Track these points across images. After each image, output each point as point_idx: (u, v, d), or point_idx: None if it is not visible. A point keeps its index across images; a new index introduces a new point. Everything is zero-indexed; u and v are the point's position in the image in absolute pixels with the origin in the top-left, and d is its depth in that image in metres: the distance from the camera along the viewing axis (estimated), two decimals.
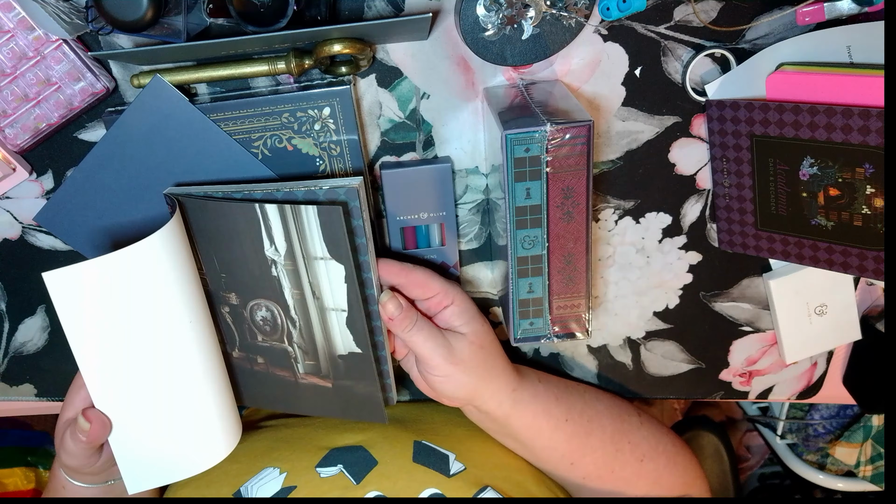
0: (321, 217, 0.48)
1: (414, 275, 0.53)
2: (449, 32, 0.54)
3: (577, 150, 0.48)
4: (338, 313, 0.52)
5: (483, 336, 0.55)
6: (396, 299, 0.53)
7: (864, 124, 0.47)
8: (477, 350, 0.54)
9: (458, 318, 0.54)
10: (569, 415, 0.59)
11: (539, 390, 0.59)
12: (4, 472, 1.04)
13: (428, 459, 0.56)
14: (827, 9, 0.50)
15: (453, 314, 0.54)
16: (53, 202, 0.57)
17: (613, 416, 0.62)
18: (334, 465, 0.55)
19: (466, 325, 0.55)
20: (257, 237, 0.50)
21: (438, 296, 0.54)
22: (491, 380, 0.56)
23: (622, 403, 0.65)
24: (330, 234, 0.48)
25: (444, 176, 0.58)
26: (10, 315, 0.66)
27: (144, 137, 0.54)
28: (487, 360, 0.55)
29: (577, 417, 0.59)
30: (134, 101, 0.53)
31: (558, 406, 0.59)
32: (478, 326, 0.55)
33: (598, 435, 0.60)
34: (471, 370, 0.54)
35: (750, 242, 0.59)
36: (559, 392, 0.60)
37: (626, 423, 0.62)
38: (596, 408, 0.61)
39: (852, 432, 1.06)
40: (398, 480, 0.53)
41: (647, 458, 0.61)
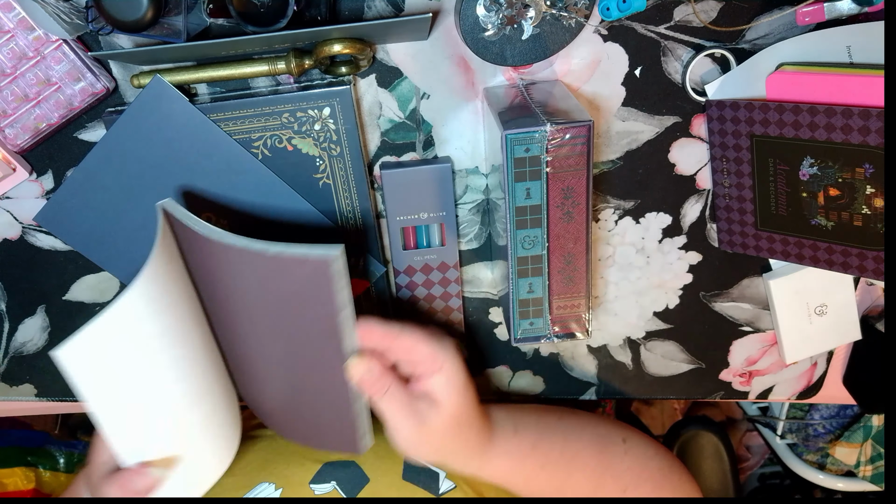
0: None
1: (399, 340, 0.49)
2: (449, 32, 0.54)
3: (577, 150, 0.48)
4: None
5: (462, 408, 0.51)
6: (366, 363, 0.48)
7: (864, 124, 0.47)
8: (451, 424, 0.51)
9: (441, 388, 0.50)
10: (546, 460, 0.57)
11: (512, 445, 0.56)
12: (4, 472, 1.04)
13: (418, 478, 0.56)
14: (827, 9, 0.50)
15: (437, 383, 0.50)
16: (53, 202, 0.57)
17: (597, 450, 0.59)
18: (328, 482, 0.56)
19: (448, 397, 0.50)
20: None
21: (426, 362, 0.50)
22: (460, 449, 0.53)
23: (607, 432, 0.62)
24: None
25: (444, 176, 0.58)
26: (10, 315, 0.66)
27: (144, 137, 0.54)
28: (460, 433, 0.52)
29: (555, 461, 0.57)
30: (134, 102, 0.53)
31: (534, 455, 0.56)
32: (458, 398, 0.51)
33: (578, 475, 0.58)
34: (439, 445, 0.52)
35: (750, 242, 0.59)
36: (536, 438, 0.57)
37: (608, 454, 0.60)
38: (577, 445, 0.59)
39: (852, 432, 1.06)
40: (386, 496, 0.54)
41: (632, 487, 0.60)
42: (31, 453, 1.08)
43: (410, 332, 0.49)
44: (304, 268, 0.43)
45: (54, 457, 1.11)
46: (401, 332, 0.49)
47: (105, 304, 0.65)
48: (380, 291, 0.63)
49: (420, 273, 0.63)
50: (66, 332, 0.66)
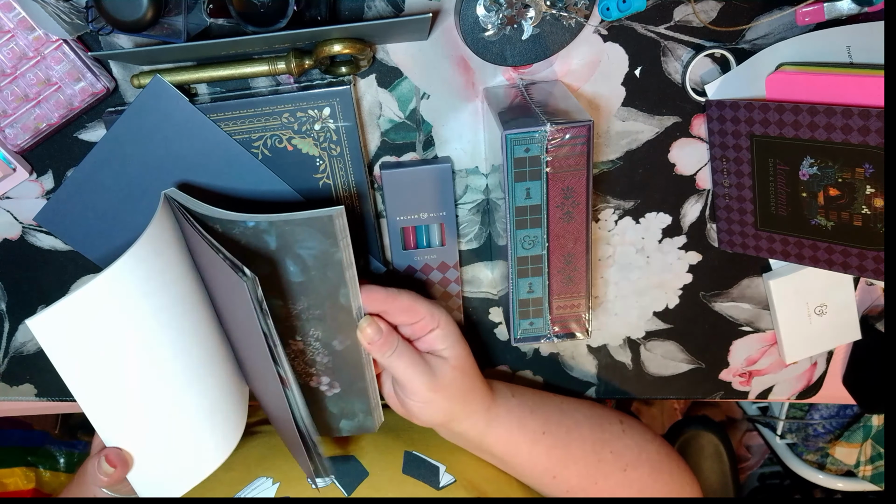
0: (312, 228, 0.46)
1: (399, 300, 0.52)
2: (449, 32, 0.54)
3: (577, 150, 0.48)
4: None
5: (464, 360, 0.55)
6: (375, 323, 0.51)
7: (864, 124, 0.47)
8: (458, 374, 0.54)
9: (442, 341, 0.54)
10: (546, 427, 0.59)
11: (513, 405, 0.58)
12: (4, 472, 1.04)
13: (418, 471, 0.56)
14: (827, 9, 0.50)
15: (437, 338, 0.53)
16: (53, 202, 0.57)
17: (593, 425, 0.61)
18: (326, 477, 0.56)
19: (449, 349, 0.54)
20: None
21: (424, 320, 0.53)
22: (468, 402, 0.55)
23: (603, 412, 0.64)
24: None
25: (444, 176, 0.58)
26: (10, 315, 0.66)
27: (144, 137, 0.54)
28: (466, 383, 0.55)
29: (554, 429, 0.59)
30: (134, 102, 0.53)
31: (534, 418, 0.58)
32: (460, 350, 0.54)
33: (578, 445, 0.59)
34: (450, 396, 0.54)
35: (750, 242, 0.59)
36: (534, 404, 0.60)
37: (607, 431, 0.61)
38: (574, 417, 0.61)
39: (852, 432, 1.06)
40: (387, 493, 0.54)
41: (631, 468, 0.61)
42: (31, 453, 1.09)
43: (408, 292, 0.53)
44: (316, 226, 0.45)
45: (54, 457, 1.11)
46: (399, 293, 0.52)
47: None
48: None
49: (420, 273, 0.63)
50: None
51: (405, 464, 0.56)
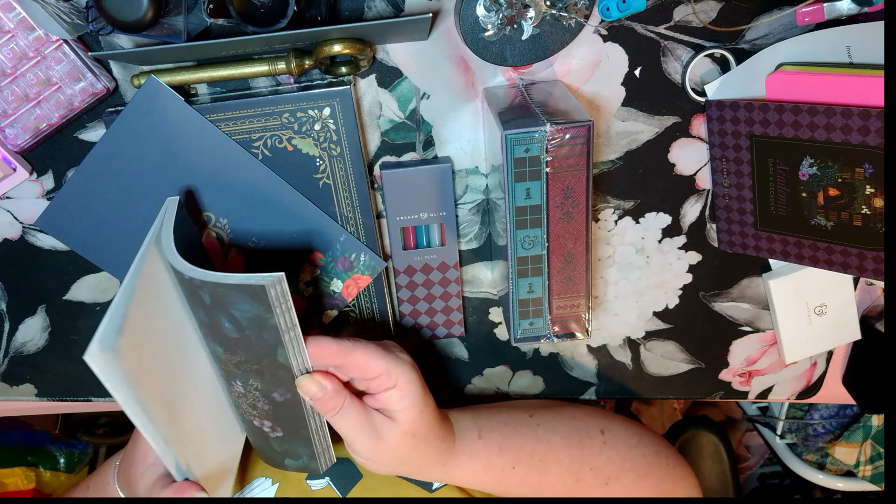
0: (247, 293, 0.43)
1: (353, 356, 0.48)
2: (449, 32, 0.54)
3: (577, 150, 0.48)
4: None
5: (418, 424, 0.51)
6: (318, 382, 0.48)
7: (864, 124, 0.47)
8: (408, 439, 0.51)
9: (397, 402, 0.50)
10: (516, 461, 0.56)
11: (478, 448, 0.55)
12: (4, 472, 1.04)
13: None
14: (827, 9, 0.50)
15: (392, 398, 0.50)
16: (53, 206, 0.57)
17: (572, 444, 0.59)
18: (322, 478, 0.56)
19: (403, 412, 0.50)
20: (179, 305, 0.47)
21: (381, 377, 0.49)
22: (418, 461, 0.53)
23: (584, 425, 0.61)
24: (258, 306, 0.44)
25: (444, 176, 0.58)
26: (10, 315, 0.66)
27: (142, 139, 0.54)
28: (418, 447, 0.52)
29: (526, 460, 0.56)
30: (130, 103, 0.53)
31: (502, 456, 0.56)
32: (414, 414, 0.50)
33: (554, 471, 0.57)
34: (396, 458, 0.51)
35: (750, 242, 0.59)
36: (504, 439, 0.56)
37: (586, 448, 0.59)
38: (550, 442, 0.58)
39: (852, 432, 1.06)
40: (381, 495, 0.54)
41: (614, 479, 0.59)
42: (31, 453, 1.09)
43: (364, 347, 0.49)
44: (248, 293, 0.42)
45: (54, 457, 1.11)
46: (353, 348, 0.48)
47: (105, 303, 0.65)
48: (378, 292, 0.63)
49: (420, 273, 0.63)
50: (66, 332, 0.66)
51: None
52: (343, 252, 0.60)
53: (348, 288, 0.62)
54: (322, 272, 0.61)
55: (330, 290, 0.62)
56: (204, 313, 0.46)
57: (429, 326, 0.66)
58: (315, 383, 0.48)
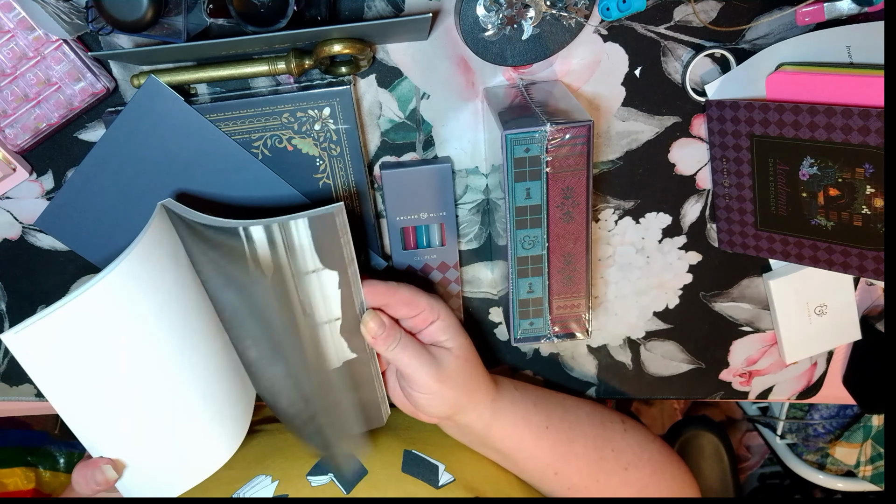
0: (312, 228, 0.46)
1: (399, 293, 0.52)
2: (449, 32, 0.54)
3: (577, 150, 0.48)
4: (331, 325, 0.52)
5: (467, 350, 0.55)
6: (378, 317, 0.52)
7: (864, 124, 0.47)
8: (462, 364, 0.54)
9: (444, 333, 0.54)
10: (549, 421, 0.59)
11: (517, 398, 0.59)
12: (4, 472, 1.04)
13: (417, 470, 0.56)
14: (827, 9, 0.50)
15: (439, 329, 0.54)
16: (53, 206, 0.57)
17: (595, 422, 0.61)
18: (325, 474, 0.56)
19: (451, 340, 0.54)
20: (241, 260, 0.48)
21: (424, 312, 0.53)
22: (473, 393, 0.55)
23: (605, 410, 0.64)
24: (322, 243, 0.47)
25: (444, 176, 0.58)
26: (10, 315, 0.66)
27: (141, 139, 0.54)
28: (471, 374, 0.55)
29: (557, 424, 0.59)
30: (129, 103, 0.53)
31: (538, 413, 0.59)
32: (462, 340, 0.55)
33: (580, 442, 0.59)
34: (455, 386, 0.54)
35: (750, 242, 0.59)
36: (537, 399, 0.60)
37: (609, 429, 0.61)
38: (577, 414, 0.61)
39: (852, 432, 1.06)
40: (387, 491, 0.54)
41: (633, 467, 0.61)
42: (31, 453, 1.08)
43: (407, 286, 0.53)
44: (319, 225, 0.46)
45: (54, 457, 1.11)
46: (398, 286, 0.53)
47: None
48: None
49: (420, 273, 0.63)
50: None
51: (404, 462, 0.56)
52: None
53: None
54: None
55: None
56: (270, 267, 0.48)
57: None
58: (377, 319, 0.52)
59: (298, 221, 0.46)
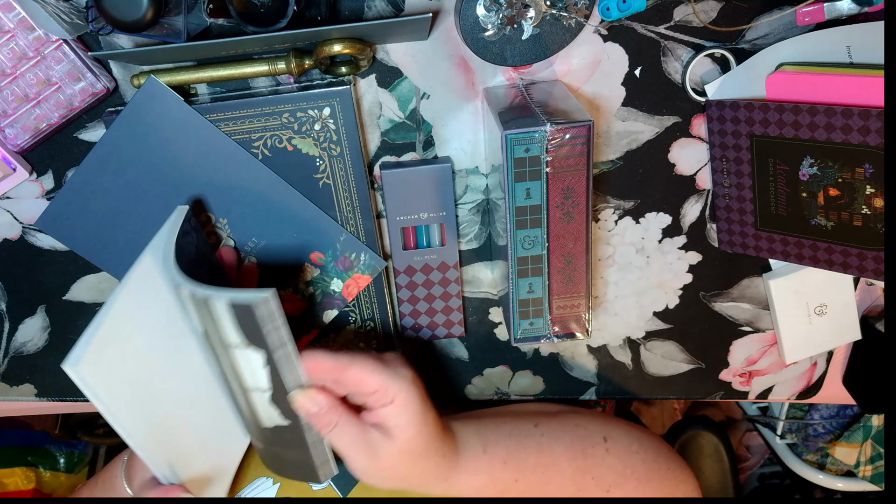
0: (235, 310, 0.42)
1: (349, 372, 0.47)
2: (449, 32, 0.54)
3: (577, 150, 0.48)
4: (259, 393, 0.48)
5: (416, 441, 0.49)
6: (311, 397, 0.47)
7: (864, 124, 0.47)
8: (405, 458, 0.49)
9: (394, 419, 0.48)
10: (519, 474, 0.55)
11: (482, 464, 0.54)
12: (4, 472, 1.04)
13: None
14: (827, 9, 0.50)
15: (389, 414, 0.48)
16: (53, 206, 0.57)
17: (575, 454, 0.58)
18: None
19: (400, 429, 0.49)
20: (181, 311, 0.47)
21: (378, 393, 0.48)
22: (418, 477, 0.52)
23: (587, 434, 0.60)
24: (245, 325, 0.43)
25: (444, 176, 0.58)
26: (10, 315, 0.66)
27: (141, 139, 0.54)
28: (416, 465, 0.50)
29: (529, 474, 0.56)
30: (129, 103, 0.53)
31: (506, 471, 0.55)
32: (412, 432, 0.49)
33: (556, 482, 0.57)
34: (394, 476, 0.50)
35: (750, 242, 0.59)
36: (508, 453, 0.56)
37: (589, 457, 0.59)
38: (553, 454, 0.58)
39: (852, 432, 1.06)
40: (381, 495, 0.54)
41: (615, 487, 0.59)
42: (31, 453, 1.09)
43: (361, 363, 0.48)
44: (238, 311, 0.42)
45: (54, 457, 1.11)
46: (349, 363, 0.47)
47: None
48: (379, 292, 0.63)
49: (420, 273, 0.63)
50: (66, 332, 0.66)
51: None
52: (343, 251, 0.60)
53: (348, 287, 0.62)
54: (322, 272, 0.61)
55: (330, 290, 0.62)
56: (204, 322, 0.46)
57: (429, 326, 0.66)
58: (309, 398, 0.47)
59: (218, 303, 0.42)
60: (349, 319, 0.65)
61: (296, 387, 0.47)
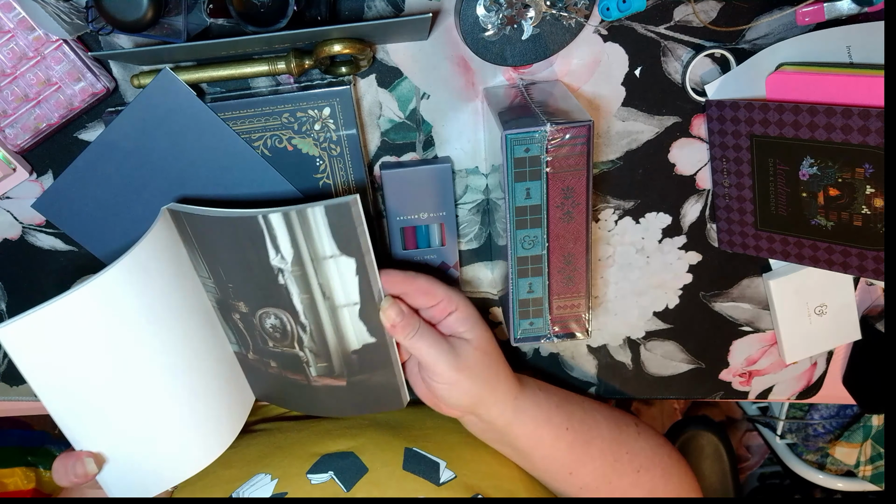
0: (329, 216, 0.47)
1: (417, 282, 0.53)
2: (449, 32, 0.54)
3: (577, 150, 0.48)
4: (350, 308, 0.52)
5: (487, 342, 0.55)
6: (397, 305, 0.52)
7: (864, 124, 0.47)
8: (481, 356, 0.54)
9: (463, 323, 0.54)
10: (569, 423, 0.59)
11: (540, 398, 0.58)
12: (4, 472, 1.04)
13: (418, 467, 0.56)
14: (827, 9, 0.50)
15: (457, 320, 0.54)
16: (53, 190, 0.57)
17: (612, 425, 0.61)
18: (325, 472, 0.56)
19: (471, 331, 0.54)
20: (262, 248, 0.49)
21: (443, 303, 0.53)
22: (494, 387, 0.55)
23: (619, 413, 0.64)
24: (338, 231, 0.48)
25: (444, 176, 0.58)
26: (11, 315, 0.66)
27: (149, 130, 0.54)
28: (491, 367, 0.55)
29: (577, 426, 0.59)
30: (140, 94, 0.53)
31: (559, 414, 0.58)
32: (481, 332, 0.55)
33: (597, 444, 0.60)
34: (475, 376, 0.54)
35: (750, 242, 0.59)
36: (559, 400, 0.60)
37: (624, 433, 0.62)
38: (595, 416, 0.61)
39: (852, 432, 1.06)
40: (388, 489, 0.54)
41: (644, 469, 0.61)
42: (31, 453, 1.09)
43: (425, 275, 0.53)
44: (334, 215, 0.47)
45: (54, 457, 1.10)
46: (416, 275, 0.53)
47: None
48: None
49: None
50: None
51: (405, 460, 0.56)
52: None
53: None
54: None
55: None
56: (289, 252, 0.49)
57: None
58: (395, 307, 0.52)
59: (315, 209, 0.47)
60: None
61: (380, 297, 0.52)
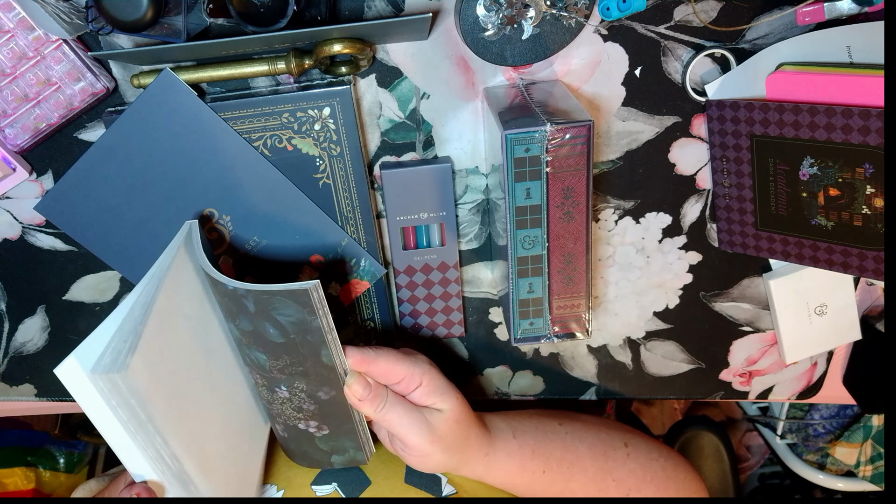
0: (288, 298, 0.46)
1: (375, 365, 0.51)
2: (449, 32, 0.54)
3: (577, 150, 0.48)
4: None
5: (460, 409, 0.54)
6: (363, 379, 0.51)
7: (864, 124, 0.47)
8: (454, 425, 0.53)
9: (430, 396, 0.53)
10: (546, 466, 0.58)
11: (513, 447, 0.57)
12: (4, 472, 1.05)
13: (420, 481, 0.56)
14: (827, 9, 0.50)
15: (424, 394, 0.53)
16: (55, 191, 0.57)
17: (597, 455, 0.60)
18: (329, 483, 0.56)
19: (442, 402, 0.53)
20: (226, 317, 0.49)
21: (405, 380, 0.52)
22: (465, 452, 0.54)
23: (609, 437, 0.62)
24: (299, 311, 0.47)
25: (444, 176, 0.58)
26: (10, 315, 0.66)
27: (151, 131, 0.54)
28: (463, 433, 0.54)
29: (555, 467, 0.58)
30: (142, 94, 0.53)
31: (535, 459, 0.57)
32: (454, 401, 0.53)
33: (579, 479, 0.59)
34: (447, 447, 0.53)
35: (750, 242, 0.59)
36: (536, 443, 0.58)
37: (611, 459, 0.60)
38: (577, 451, 0.60)
39: (852, 432, 1.06)
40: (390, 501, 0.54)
41: (635, 491, 0.60)
42: (31, 453, 1.09)
43: (385, 354, 0.52)
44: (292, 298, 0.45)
45: (54, 457, 1.11)
46: (376, 355, 0.51)
47: (105, 303, 0.65)
48: (379, 292, 0.63)
49: (420, 273, 0.63)
50: (66, 333, 0.66)
51: (407, 473, 0.57)
52: (344, 256, 0.60)
53: (346, 292, 0.62)
54: (321, 275, 0.61)
55: (328, 293, 0.62)
56: (248, 322, 0.48)
57: (429, 326, 0.66)
58: (361, 382, 0.51)
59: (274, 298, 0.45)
60: (349, 320, 0.65)
61: (343, 372, 0.50)
